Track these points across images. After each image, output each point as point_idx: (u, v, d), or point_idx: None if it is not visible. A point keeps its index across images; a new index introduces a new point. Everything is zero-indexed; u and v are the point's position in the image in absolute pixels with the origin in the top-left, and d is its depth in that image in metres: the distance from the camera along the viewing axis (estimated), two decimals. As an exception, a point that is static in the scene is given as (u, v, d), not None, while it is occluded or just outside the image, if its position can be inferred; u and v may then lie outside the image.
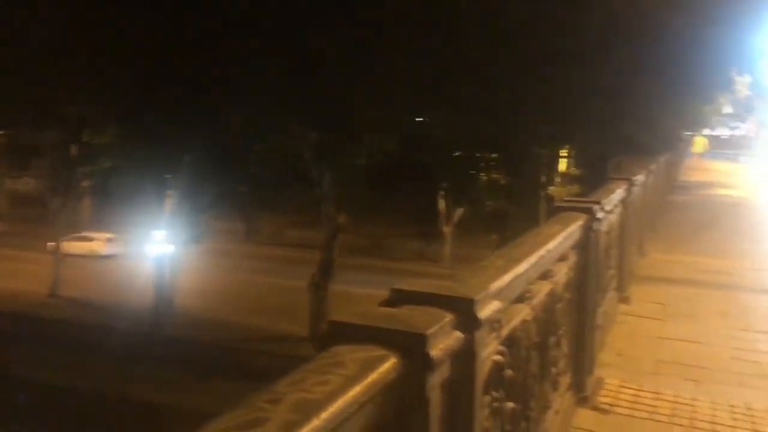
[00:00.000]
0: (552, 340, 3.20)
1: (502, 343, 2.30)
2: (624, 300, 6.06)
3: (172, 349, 19.36)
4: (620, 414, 3.64)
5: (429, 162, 22.78)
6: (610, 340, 4.95)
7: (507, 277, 2.15)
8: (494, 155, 23.41)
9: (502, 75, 16.29)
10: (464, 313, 1.64)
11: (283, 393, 1.09)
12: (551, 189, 24.60)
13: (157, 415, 15.36)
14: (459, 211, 27.81)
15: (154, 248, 23.79)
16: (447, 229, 28.89)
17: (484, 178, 24.01)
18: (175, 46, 14.61)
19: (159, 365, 18.38)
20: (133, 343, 19.05)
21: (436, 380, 1.45)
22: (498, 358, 2.24)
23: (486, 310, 1.73)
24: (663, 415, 3.64)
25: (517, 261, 2.37)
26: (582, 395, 3.75)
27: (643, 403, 3.77)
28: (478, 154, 23.39)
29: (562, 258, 3.34)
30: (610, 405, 3.73)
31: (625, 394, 3.90)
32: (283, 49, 15.02)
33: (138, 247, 26.55)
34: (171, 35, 14.58)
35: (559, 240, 2.99)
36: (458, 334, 1.55)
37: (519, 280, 2.37)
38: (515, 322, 2.47)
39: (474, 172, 23.53)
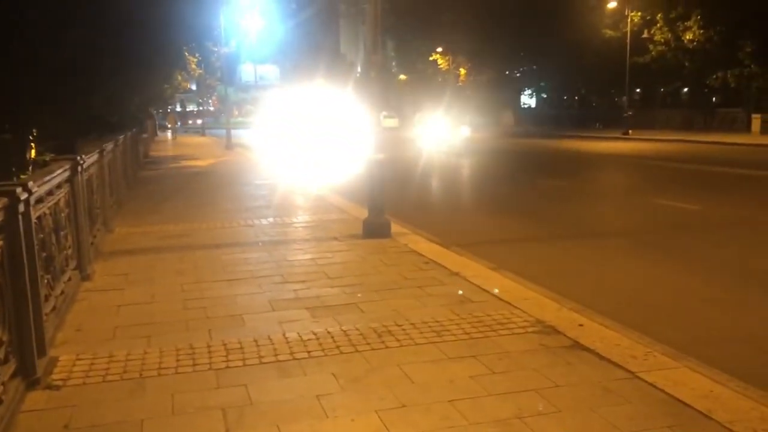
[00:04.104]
0: (-22, 331, 3.09)
1: None
2: (87, 278, 6.13)
3: None
4: (73, 385, 3.75)
5: None
6: (71, 319, 4.98)
7: None
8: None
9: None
10: None
11: None
12: (24, 177, 22.61)
13: None
14: None
15: None
16: None
17: None
18: None
19: None
20: None
21: None
22: None
23: None
24: (115, 374, 3.89)
25: None
26: (33, 379, 3.72)
27: (97, 370, 3.96)
28: None
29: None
30: (64, 380, 3.80)
31: (80, 365, 4.02)
32: None
33: None
34: None
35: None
36: None
37: None
38: None
39: None
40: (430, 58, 60.71)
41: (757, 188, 13.96)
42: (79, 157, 6.27)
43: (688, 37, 35.23)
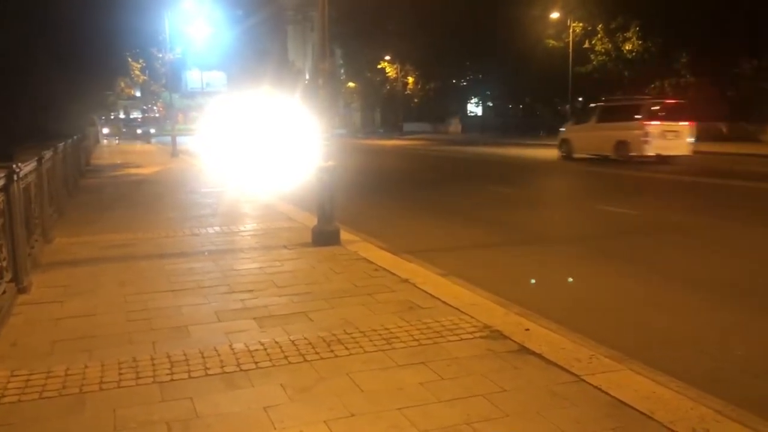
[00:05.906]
0: None
1: None
2: (23, 290, 5.89)
3: None
4: (8, 403, 3.59)
5: None
6: (5, 334, 4.79)
7: None
8: None
9: None
10: None
11: None
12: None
13: None
14: None
15: None
16: None
17: None
18: None
19: None
20: None
21: None
22: None
23: None
24: (53, 390, 3.75)
25: None
26: (-37, 397, 3.55)
27: (33, 386, 3.80)
28: None
29: None
30: (-2, 398, 3.65)
31: (15, 382, 3.86)
32: None
33: None
34: None
35: None
36: None
37: None
38: None
39: None
40: (378, 66, 60.98)
41: (691, 193, 14.48)
42: (15, 165, 6.04)
43: (627, 48, 36.36)
